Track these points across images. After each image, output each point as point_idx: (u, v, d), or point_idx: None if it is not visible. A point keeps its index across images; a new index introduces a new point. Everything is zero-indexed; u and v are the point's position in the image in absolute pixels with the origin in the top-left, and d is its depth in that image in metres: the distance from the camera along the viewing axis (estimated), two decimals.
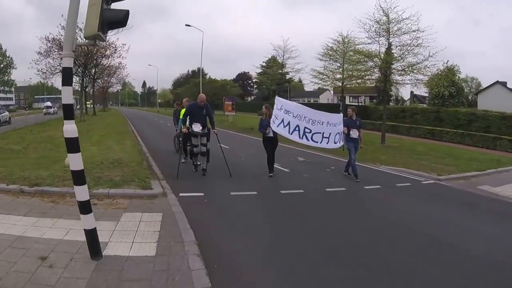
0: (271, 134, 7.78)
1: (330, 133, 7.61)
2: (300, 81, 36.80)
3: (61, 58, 25.67)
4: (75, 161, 3.23)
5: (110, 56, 30.63)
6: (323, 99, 61.11)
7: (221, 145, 8.09)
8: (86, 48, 27.52)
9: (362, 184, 7.46)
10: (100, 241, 3.52)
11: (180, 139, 9.10)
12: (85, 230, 3.33)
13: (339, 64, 19.81)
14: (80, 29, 13.78)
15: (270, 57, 32.29)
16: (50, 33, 30.63)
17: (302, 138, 7.51)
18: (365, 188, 7.23)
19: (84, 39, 3.44)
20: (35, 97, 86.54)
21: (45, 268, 3.20)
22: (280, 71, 33.25)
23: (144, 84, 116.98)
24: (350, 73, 18.84)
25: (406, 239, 4.52)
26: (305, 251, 4.03)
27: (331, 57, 20.13)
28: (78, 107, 32.76)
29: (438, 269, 3.65)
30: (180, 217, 4.85)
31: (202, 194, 6.25)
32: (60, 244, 3.73)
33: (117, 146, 11.16)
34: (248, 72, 55.30)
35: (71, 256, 3.45)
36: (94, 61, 30.13)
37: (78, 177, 3.26)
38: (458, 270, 3.65)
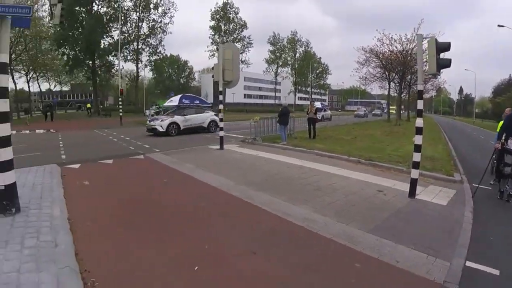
0: None
1: None
2: None
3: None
4: (418, 139, 6.56)
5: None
6: None
7: None
8: (402, 57, 31.40)
9: None
10: (417, 192, 6.80)
11: (494, 156, 8.10)
12: (411, 178, 6.69)
13: None
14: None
15: None
16: (367, 45, 35.14)
17: None
18: None
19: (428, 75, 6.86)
20: (348, 100, 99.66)
21: (381, 194, 6.89)
22: None
23: (460, 90, 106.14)
24: None
25: None
26: None
27: None
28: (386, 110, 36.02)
29: None
30: (468, 195, 7.15)
31: (490, 188, 7.96)
32: (389, 188, 7.36)
33: (430, 148, 13.77)
34: None
35: (396, 194, 6.95)
36: (411, 68, 31.25)
37: (418, 148, 6.56)
38: None
